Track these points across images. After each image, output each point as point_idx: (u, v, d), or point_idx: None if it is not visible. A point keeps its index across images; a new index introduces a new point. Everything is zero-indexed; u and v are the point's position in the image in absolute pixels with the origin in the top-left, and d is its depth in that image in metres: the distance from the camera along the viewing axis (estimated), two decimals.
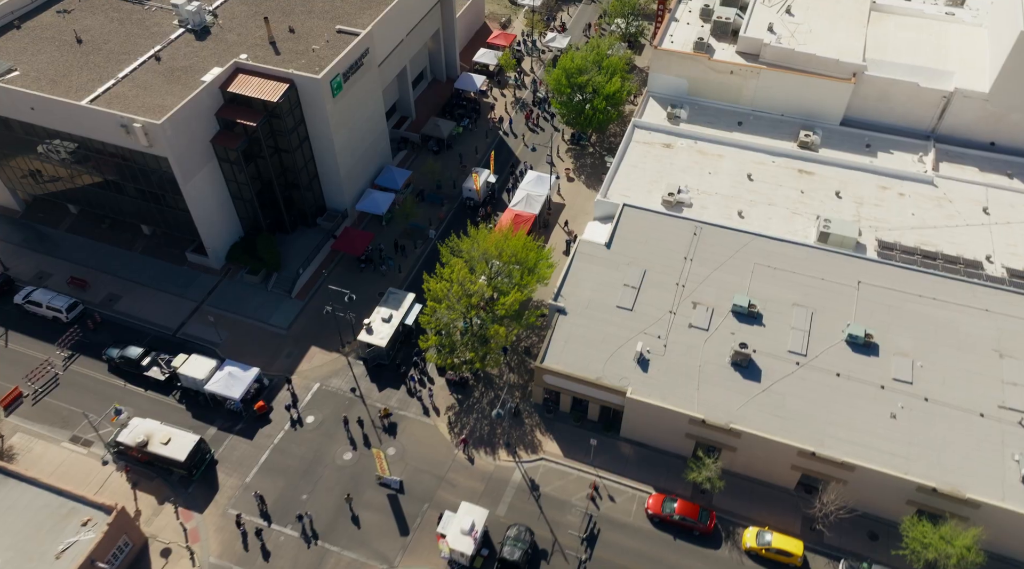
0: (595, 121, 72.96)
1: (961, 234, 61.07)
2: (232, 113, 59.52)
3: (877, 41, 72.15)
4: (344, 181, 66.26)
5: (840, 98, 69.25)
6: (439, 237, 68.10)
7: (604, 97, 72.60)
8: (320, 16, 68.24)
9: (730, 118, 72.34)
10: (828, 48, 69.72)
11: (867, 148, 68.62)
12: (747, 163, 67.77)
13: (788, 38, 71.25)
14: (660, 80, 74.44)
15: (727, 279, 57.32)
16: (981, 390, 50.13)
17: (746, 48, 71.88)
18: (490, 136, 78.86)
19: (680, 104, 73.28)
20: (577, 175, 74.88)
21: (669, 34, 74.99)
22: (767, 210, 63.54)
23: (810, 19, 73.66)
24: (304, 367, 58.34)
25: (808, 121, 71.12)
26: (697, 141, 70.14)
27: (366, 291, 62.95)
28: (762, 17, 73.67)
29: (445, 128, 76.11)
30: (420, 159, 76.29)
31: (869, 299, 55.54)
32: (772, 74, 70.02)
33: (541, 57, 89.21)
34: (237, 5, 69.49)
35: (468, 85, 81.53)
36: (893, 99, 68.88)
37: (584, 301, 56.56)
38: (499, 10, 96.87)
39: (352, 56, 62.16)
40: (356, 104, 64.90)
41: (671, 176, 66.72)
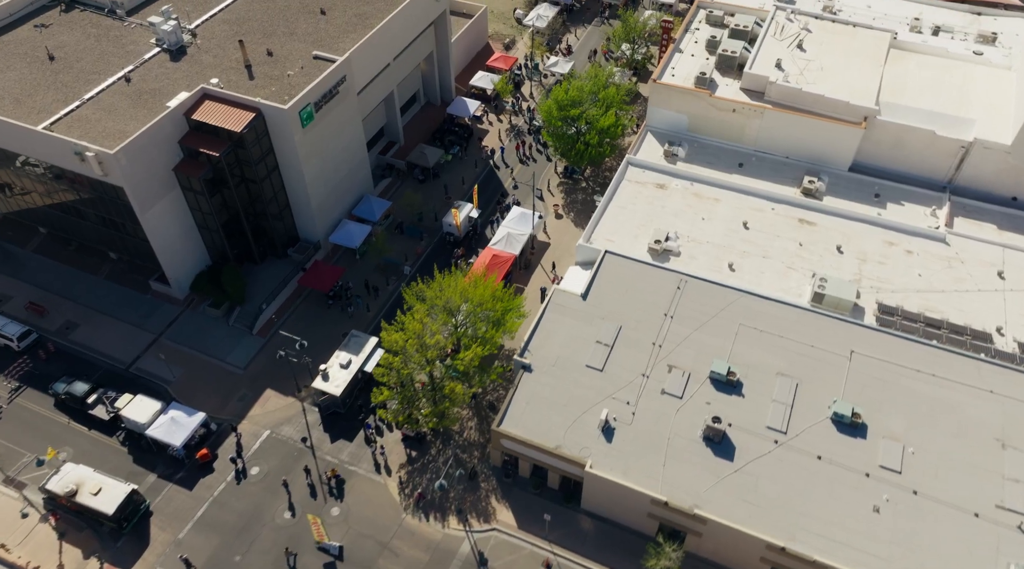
0: (587, 156, 69.11)
1: (971, 300, 56.10)
2: (196, 141, 56.90)
3: (894, 82, 67.23)
4: (316, 212, 63.34)
5: (849, 143, 64.52)
6: (414, 274, 64.92)
7: (598, 131, 68.76)
8: (302, 39, 65.42)
9: (731, 158, 67.96)
10: (839, 88, 65.04)
11: (876, 198, 63.76)
12: (744, 209, 63.37)
13: (796, 76, 66.69)
14: (659, 115, 70.31)
15: (708, 341, 53.14)
16: (978, 486, 45.33)
17: (751, 85, 67.46)
18: (480, 166, 75.41)
19: (678, 141, 69.09)
20: (566, 212, 71.06)
21: (671, 66, 70.82)
22: (760, 264, 59.13)
23: (823, 56, 68.98)
24: (256, 412, 55.47)
25: (815, 165, 66.45)
26: (693, 182, 65.87)
27: (329, 331, 59.92)
28: (771, 52, 69.15)
29: (432, 156, 72.83)
30: (404, 188, 73.13)
31: (861, 371, 50.95)
32: (777, 114, 65.50)
33: (542, 82, 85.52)
34: (218, 24, 66.98)
35: (461, 110, 78.16)
36: (907, 146, 63.95)
37: (552, 358, 52.81)
38: (504, 30, 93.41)
39: (325, 85, 59.16)
40: (330, 133, 61.92)
41: (661, 220, 62.61)
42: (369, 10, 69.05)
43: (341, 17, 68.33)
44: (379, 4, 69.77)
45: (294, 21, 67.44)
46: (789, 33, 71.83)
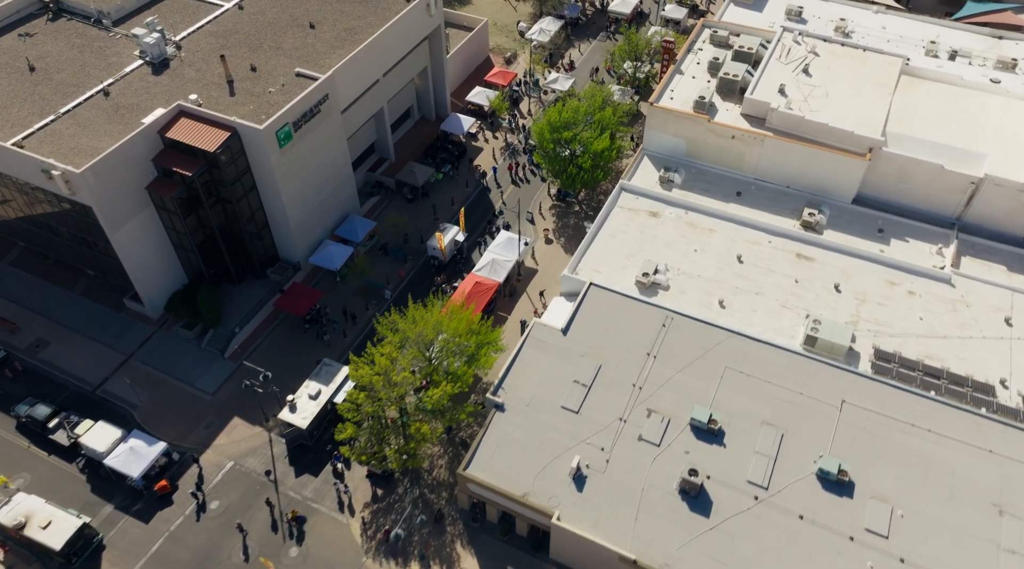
0: (579, 180, 66.68)
1: (975, 348, 52.97)
2: (170, 160, 55.29)
3: (903, 110, 64.13)
4: (295, 233, 61.49)
5: (853, 175, 61.54)
6: (395, 298, 62.90)
7: (591, 155, 66.34)
8: (288, 54, 63.66)
9: (729, 186, 65.21)
10: (844, 117, 62.09)
11: (879, 233, 60.69)
12: (740, 241, 60.61)
13: (800, 102, 63.81)
14: (656, 139, 67.74)
15: (691, 384, 50.52)
16: (971, 555, 42.31)
17: (751, 111, 64.68)
18: (472, 186, 73.23)
19: (675, 167, 66.43)
20: (557, 236, 68.70)
21: (670, 89, 68.18)
22: (752, 301, 56.37)
23: (829, 81, 65.99)
24: (222, 441, 53.69)
25: (816, 196, 63.52)
26: (688, 211, 63.19)
27: (303, 358, 58.02)
28: (775, 76, 66.30)
29: (421, 175, 70.76)
30: (392, 206, 71.13)
31: (852, 423, 48.08)
32: (777, 143, 62.66)
33: (542, 99, 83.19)
34: (204, 37, 65.40)
35: (455, 128, 76.04)
36: (914, 180, 60.85)
37: (527, 397, 50.47)
38: (506, 43, 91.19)
39: (305, 103, 57.29)
40: (311, 152, 60.06)
41: (652, 251, 60.03)
42: (359, 25, 67.19)
43: (330, 32, 66.51)
44: (370, 19, 67.90)
45: (282, 35, 65.74)
46: (795, 57, 68.92)
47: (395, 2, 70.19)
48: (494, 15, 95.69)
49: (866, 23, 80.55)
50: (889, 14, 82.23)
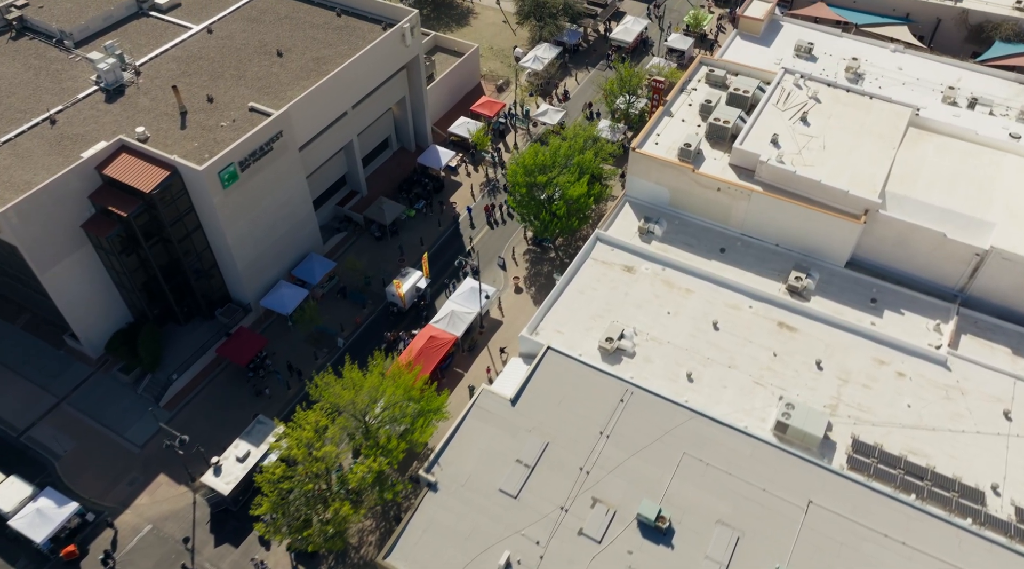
0: (552, 229, 62.43)
1: (968, 445, 47.62)
2: (107, 198, 52.30)
3: (907, 168, 58.79)
4: (243, 274, 58.18)
5: (846, 238, 56.42)
6: (349, 347, 59.30)
7: (566, 201, 62.07)
8: (250, 84, 60.42)
9: (714, 241, 60.41)
10: (840, 173, 57.03)
11: (872, 304, 55.47)
12: (718, 304, 55.82)
13: (793, 155, 58.84)
14: (639, 185, 63.18)
15: (644, 471, 45.96)
16: None
17: (740, 161, 59.87)
18: (445, 225, 69.35)
19: (656, 218, 61.77)
20: (528, 285, 64.53)
21: (656, 132, 63.57)
22: (724, 375, 51.60)
23: (828, 132, 60.89)
24: (144, 501, 50.49)
25: (806, 257, 58.47)
26: (665, 268, 58.52)
27: (242, 412, 54.65)
28: (769, 124, 61.37)
29: (390, 212, 67.03)
30: (360, 244, 67.55)
31: (817, 529, 43.14)
32: (765, 199, 57.79)
33: (530, 132, 79.05)
34: (167, 62, 62.47)
35: (432, 161, 72.25)
36: (913, 247, 55.59)
37: (463, 476, 46.34)
38: (500, 69, 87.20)
39: (253, 142, 53.93)
40: (262, 191, 56.70)
41: (621, 312, 55.52)
42: (330, 54, 63.76)
43: (298, 61, 63.17)
44: (342, 48, 64.44)
45: (247, 63, 62.55)
46: (794, 102, 63.87)
47: (372, 31, 66.75)
48: (492, 38, 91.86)
49: (881, 63, 75.11)
50: (908, 53, 76.63)
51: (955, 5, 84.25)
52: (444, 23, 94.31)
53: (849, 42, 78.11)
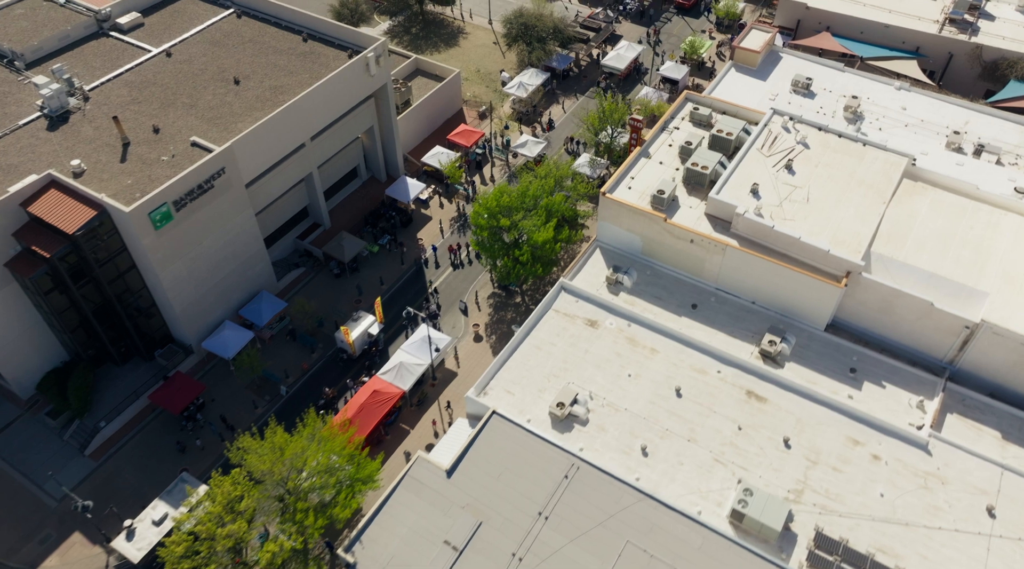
0: (514, 276, 58.72)
1: (943, 544, 43.08)
2: (31, 236, 49.49)
3: (898, 225, 54.25)
4: (182, 316, 55.16)
5: (825, 302, 52.06)
6: (292, 395, 56.07)
7: (531, 247, 58.31)
8: (201, 114, 57.42)
9: (686, 295, 56.30)
10: (822, 230, 52.73)
11: (851, 374, 51.01)
12: (683, 368, 51.72)
13: (774, 207, 54.58)
14: (610, 231, 59.20)
15: (581, 560, 41.99)
16: None
17: (716, 212, 55.75)
18: (408, 264, 65.87)
19: (626, 267, 57.76)
20: (489, 333, 60.82)
21: (630, 175, 59.58)
22: (682, 450, 47.51)
23: (814, 182, 56.53)
24: (53, 562, 47.51)
25: (784, 318, 54.22)
26: (631, 323, 54.62)
27: (170, 467, 51.56)
28: (750, 171, 57.16)
29: (350, 248, 63.65)
30: (317, 281, 64.33)
31: None
32: (740, 254, 53.63)
33: (509, 163, 75.36)
34: (119, 87, 59.66)
35: (400, 194, 68.75)
36: (898, 314, 51.12)
37: (385, 557, 42.65)
38: (485, 94, 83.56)
39: (190, 181, 50.82)
40: (203, 231, 53.61)
41: (579, 372, 51.61)
42: (289, 83, 60.63)
43: (255, 89, 60.09)
44: (303, 76, 61.27)
45: (201, 90, 59.58)
46: (781, 147, 59.57)
47: (337, 58, 63.54)
48: (480, 60, 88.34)
49: (884, 101, 70.37)
50: (914, 92, 71.77)
51: (968, 40, 79.19)
52: (432, 43, 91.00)
53: (851, 77, 73.41)
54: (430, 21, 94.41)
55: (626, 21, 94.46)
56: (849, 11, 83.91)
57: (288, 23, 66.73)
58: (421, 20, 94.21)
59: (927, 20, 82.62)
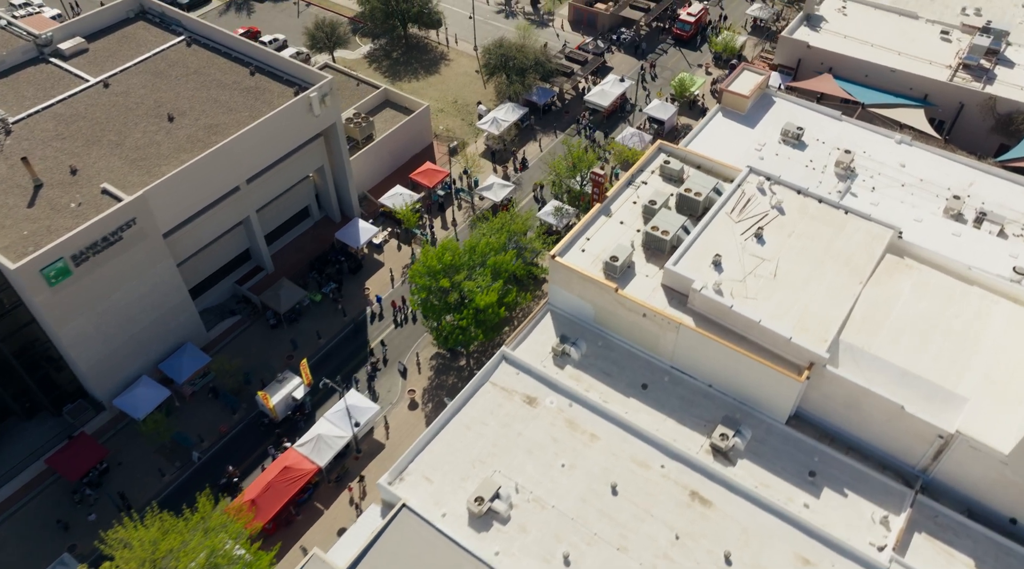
0: (453, 341, 54.05)
1: None
2: None
3: (874, 309, 48.48)
4: (89, 372, 51.36)
5: (785, 394, 46.67)
6: (206, 461, 52.00)
7: (473, 311, 53.61)
8: (126, 154, 53.65)
9: (638, 372, 51.09)
10: (786, 313, 47.26)
11: (809, 478, 45.48)
12: (623, 460, 46.52)
13: (736, 283, 49.20)
14: (561, 296, 54.38)
15: None
16: None
17: (673, 284, 50.55)
18: (352, 315, 61.54)
19: (575, 338, 52.73)
20: (427, 399, 56.24)
21: (585, 236, 54.54)
22: (609, 560, 42.22)
23: (785, 254, 51.00)
24: None
25: (742, 405, 48.82)
26: (573, 403, 49.61)
27: (55, 544, 47.51)
28: (715, 239, 51.79)
29: (287, 298, 59.45)
30: (252, 331, 60.26)
31: None
32: (694, 335, 48.41)
33: (474, 207, 70.72)
34: (45, 120, 56.12)
35: (351, 238, 64.36)
36: (866, 413, 45.48)
37: None
38: (459, 127, 78.98)
39: (93, 233, 46.91)
40: (113, 284, 49.73)
41: (508, 458, 46.72)
42: (226, 122, 56.68)
43: (189, 127, 56.23)
44: (242, 114, 57.33)
45: (132, 127, 55.85)
46: (753, 212, 54.13)
47: (283, 95, 59.47)
48: (459, 90, 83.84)
49: (881, 157, 64.44)
50: (915, 146, 65.67)
51: (981, 90, 72.80)
52: (412, 69, 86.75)
53: (848, 127, 67.52)
54: (413, 45, 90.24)
55: (619, 52, 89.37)
56: (854, 52, 77.90)
57: (238, 54, 62.88)
58: (404, 44, 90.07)
59: (938, 65, 76.37)
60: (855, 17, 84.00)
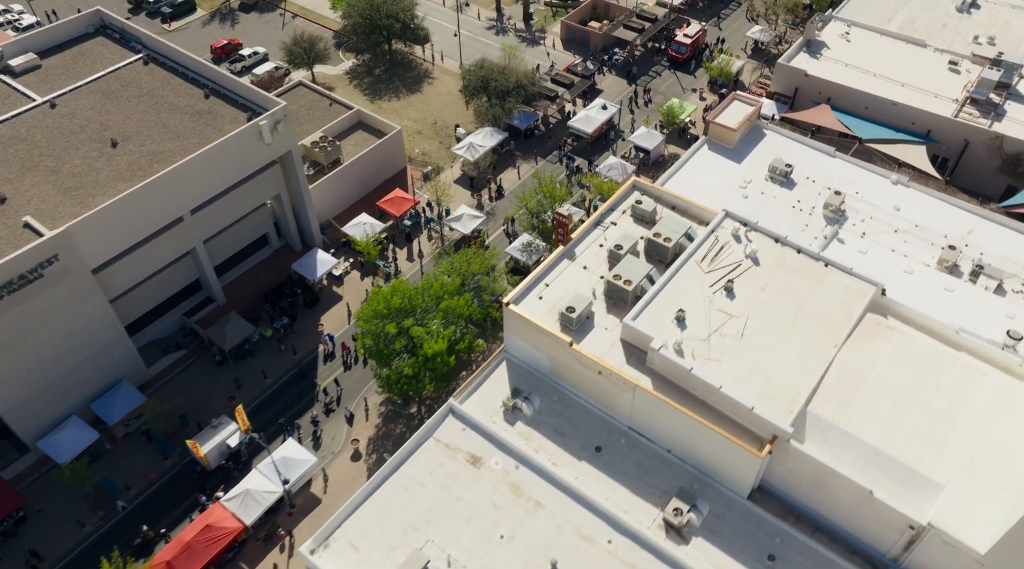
0: (399, 390, 50.63)
1: None
2: None
3: (848, 377, 44.23)
4: (8, 414, 48.50)
5: (745, 469, 42.71)
6: (132, 510, 48.99)
7: (422, 359, 50.17)
8: (61, 181, 50.91)
9: (593, 432, 47.31)
10: (750, 378, 43.34)
11: (769, 562, 41.68)
12: (568, 532, 42.86)
13: (698, 343, 45.32)
14: (517, 345, 50.86)
15: None
16: None
17: (632, 339, 46.81)
18: (302, 353, 58.35)
19: (528, 392, 48.99)
20: (371, 451, 52.84)
21: (544, 282, 50.89)
22: None
23: (756, 311, 46.95)
24: None
25: (702, 475, 44.96)
26: (520, 465, 46.01)
27: None
28: (681, 291, 47.86)
29: (234, 334, 56.35)
30: (197, 368, 57.32)
31: None
32: (650, 398, 44.65)
33: (443, 238, 67.32)
34: None
35: (307, 270, 61.22)
36: (832, 494, 41.41)
37: None
38: (436, 151, 75.56)
39: (6, 272, 44.08)
40: (34, 323, 46.84)
41: (444, 526, 43.17)
42: (171, 149, 53.77)
43: (132, 154, 53.40)
44: (189, 141, 54.41)
45: (73, 152, 53.13)
46: (725, 261, 50.17)
47: (235, 120, 56.52)
48: (440, 110, 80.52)
49: (875, 198, 60.20)
50: (912, 188, 61.28)
51: (988, 128, 68.19)
52: (394, 87, 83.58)
53: (841, 165, 63.25)
54: (397, 62, 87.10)
55: (611, 74, 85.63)
56: (854, 83, 73.52)
57: (195, 75, 60.00)
58: (388, 60, 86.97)
59: (944, 99, 71.80)
60: (859, 44, 79.62)
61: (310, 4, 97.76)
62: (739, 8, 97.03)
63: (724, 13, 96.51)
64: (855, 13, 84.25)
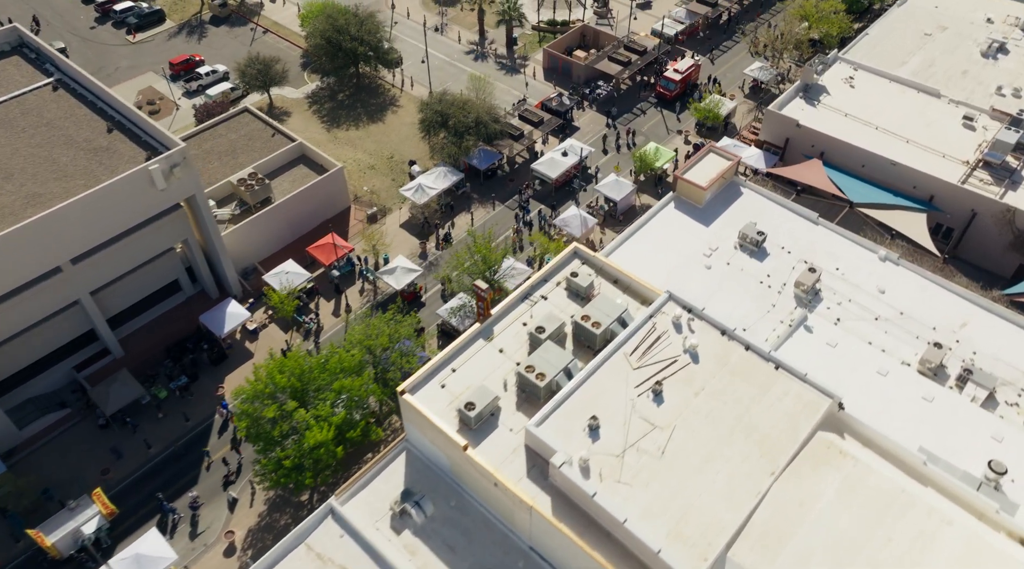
0: (273, 481, 44.37)
1: None
2: None
3: (782, 515, 36.78)
4: None
5: None
6: None
7: (303, 450, 43.86)
8: None
9: (488, 550, 40.45)
10: (665, 509, 36.28)
11: None
12: None
13: (609, 460, 38.30)
14: (417, 437, 44.39)
15: None
16: None
17: (535, 447, 39.97)
18: (197, 420, 52.44)
19: (421, 495, 42.39)
20: (247, 545, 46.57)
21: (450, 367, 44.29)
22: None
23: (684, 421, 39.68)
24: None
25: None
26: None
27: None
28: (600, 390, 40.83)
29: (118, 396, 50.38)
30: (77, 431, 51.69)
31: None
32: (544, 523, 37.81)
33: (376, 290, 61.05)
34: None
35: (215, 324, 55.37)
36: None
37: None
38: (386, 189, 69.37)
39: None
40: None
41: None
42: (54, 191, 48.33)
43: (10, 195, 48.02)
44: (76, 182, 48.94)
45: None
46: (659, 356, 42.99)
47: (134, 158, 50.94)
48: (398, 143, 74.34)
49: (857, 277, 52.52)
50: (902, 266, 53.33)
51: (999, 198, 59.81)
52: (355, 114, 77.65)
53: (825, 234, 55.50)
54: (364, 86, 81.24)
55: (590, 110, 78.69)
56: (851, 137, 65.52)
57: (104, 104, 54.69)
58: (354, 84, 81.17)
59: (953, 160, 63.60)
60: (864, 90, 71.57)
61: (284, 19, 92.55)
62: (742, 41, 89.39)
63: (726, 46, 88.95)
64: (866, 54, 76.26)
